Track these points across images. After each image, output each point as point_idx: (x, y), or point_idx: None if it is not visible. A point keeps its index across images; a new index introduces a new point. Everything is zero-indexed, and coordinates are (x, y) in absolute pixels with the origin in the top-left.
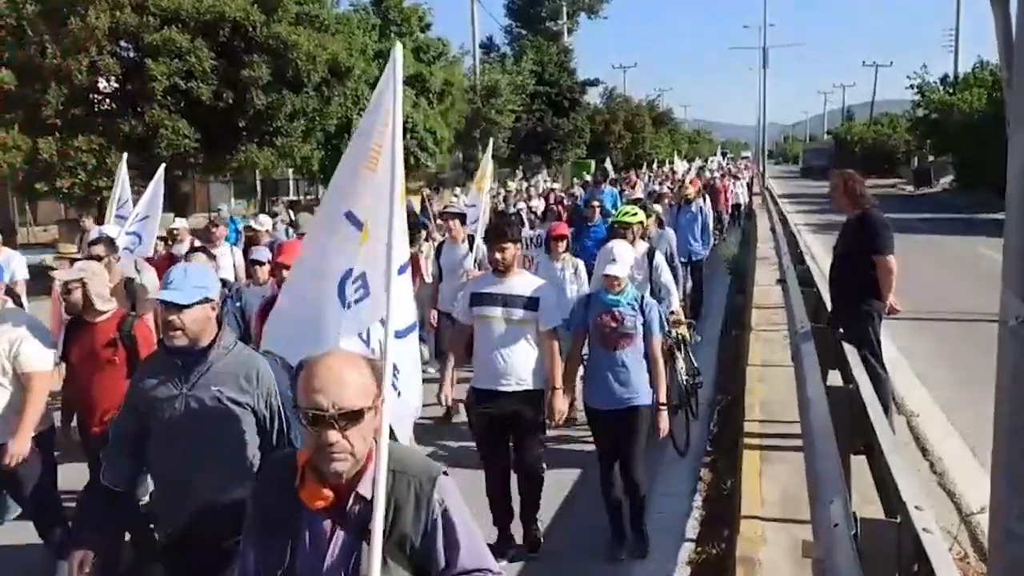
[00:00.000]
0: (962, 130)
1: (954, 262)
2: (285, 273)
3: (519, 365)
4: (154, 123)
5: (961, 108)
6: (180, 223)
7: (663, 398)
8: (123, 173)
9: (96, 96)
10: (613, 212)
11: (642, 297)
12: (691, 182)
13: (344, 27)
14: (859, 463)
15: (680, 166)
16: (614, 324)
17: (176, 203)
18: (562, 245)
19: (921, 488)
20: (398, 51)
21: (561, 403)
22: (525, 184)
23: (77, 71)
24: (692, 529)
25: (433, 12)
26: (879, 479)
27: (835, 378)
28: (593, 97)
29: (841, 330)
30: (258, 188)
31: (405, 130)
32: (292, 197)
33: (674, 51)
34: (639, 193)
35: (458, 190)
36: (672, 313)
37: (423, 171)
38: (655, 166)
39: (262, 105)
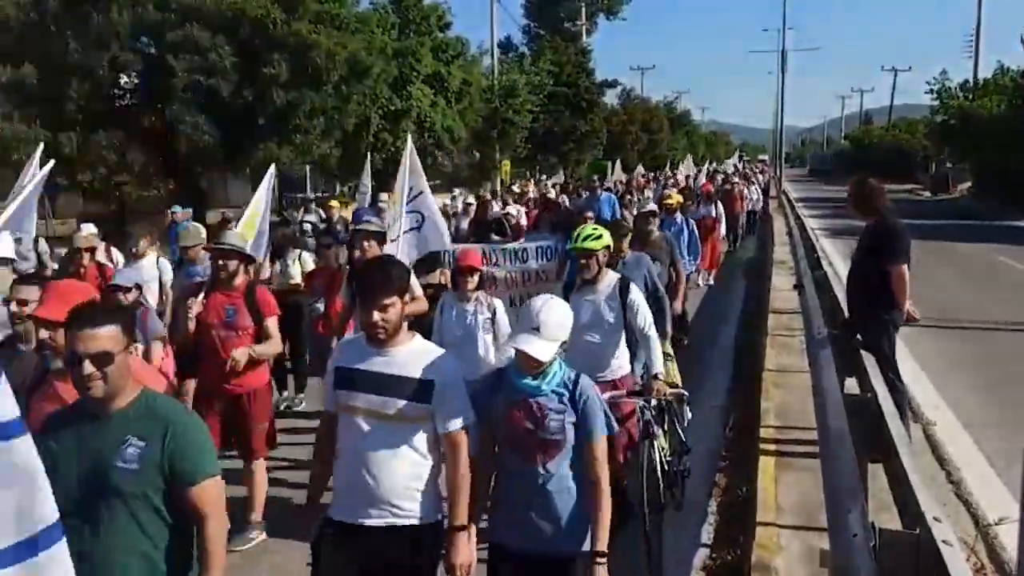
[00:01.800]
0: (981, 136)
1: (972, 270)
2: (46, 333)
3: (399, 487)
4: (174, 119)
5: (980, 114)
6: (87, 229)
7: (602, 544)
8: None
9: (117, 92)
10: (606, 220)
11: (575, 380)
12: (703, 187)
13: (364, 26)
14: (873, 469)
15: (689, 169)
16: (531, 425)
17: (195, 199)
18: (472, 280)
19: (938, 499)
20: None
21: (465, 552)
22: (533, 185)
23: (99, 67)
24: (707, 534)
25: (452, 11)
26: (896, 488)
27: (852, 385)
28: (611, 98)
29: (859, 336)
30: (275, 185)
31: (423, 129)
32: (309, 194)
33: (692, 53)
34: (652, 204)
35: (456, 191)
36: (655, 376)
37: (440, 170)
38: (668, 168)
39: (281, 102)
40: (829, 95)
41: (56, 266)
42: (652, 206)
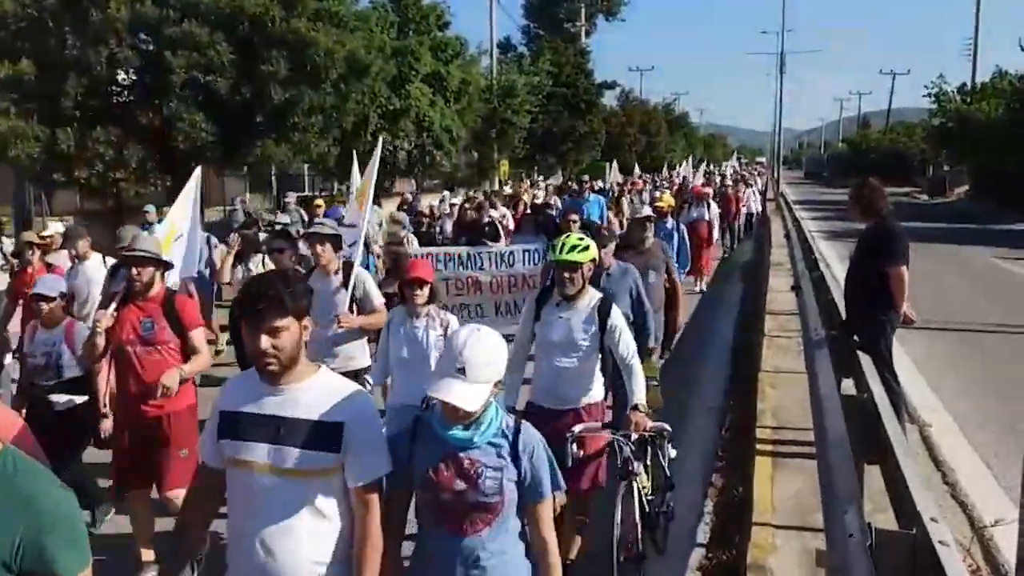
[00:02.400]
0: (979, 140)
1: (968, 272)
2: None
3: (305, 560)
4: (171, 116)
5: (978, 118)
6: (54, 228)
7: None
8: None
9: (115, 88)
10: (595, 223)
11: (516, 428)
12: (694, 189)
13: (363, 25)
14: (870, 469)
15: (687, 170)
16: (461, 486)
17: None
18: (422, 293)
19: (935, 500)
20: None
21: None
22: (528, 185)
23: (96, 63)
24: (703, 534)
25: (451, 11)
26: (893, 489)
27: (848, 386)
28: (609, 99)
29: (856, 338)
30: (273, 183)
31: (421, 128)
32: (307, 192)
33: (691, 55)
34: (647, 209)
35: (446, 194)
36: (634, 408)
37: (438, 169)
38: (665, 169)
39: (280, 100)
40: (827, 98)
41: None
42: (647, 211)
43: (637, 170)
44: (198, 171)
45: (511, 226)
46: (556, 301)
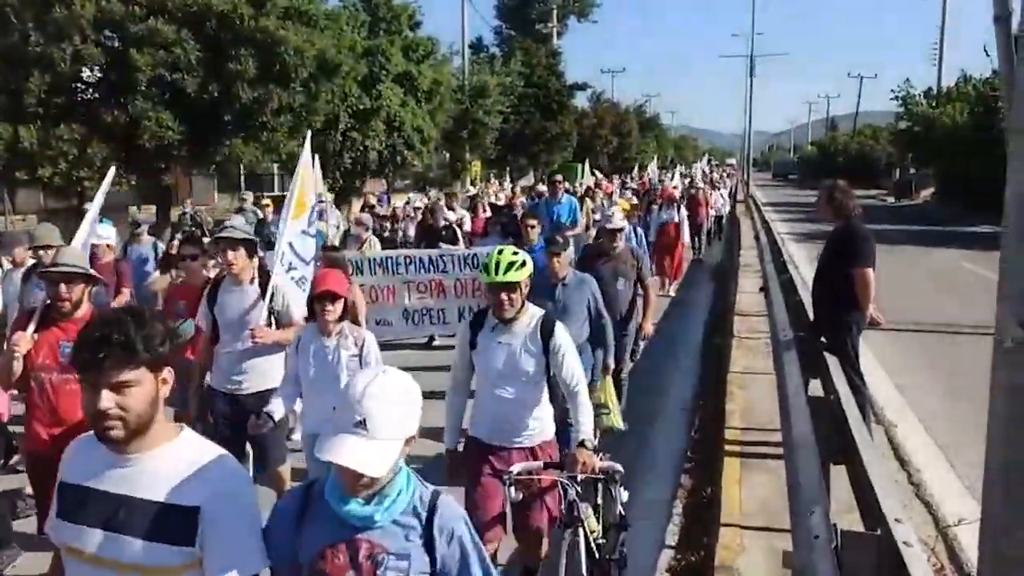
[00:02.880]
0: (944, 143)
1: (934, 274)
2: None
3: None
4: (137, 114)
5: (944, 121)
6: None
7: None
8: None
9: (79, 85)
10: (565, 226)
11: (432, 503)
12: (662, 193)
13: (333, 23)
14: (837, 471)
15: (653, 172)
16: None
17: (159, 196)
18: (333, 309)
19: (900, 500)
20: None
21: None
22: (498, 186)
23: (60, 60)
24: (672, 536)
25: (422, 11)
26: (859, 490)
27: (816, 387)
28: (581, 101)
29: (823, 339)
30: (242, 182)
31: (392, 128)
32: (276, 192)
33: (663, 57)
34: (620, 219)
35: (410, 196)
36: (581, 444)
37: (410, 170)
38: (636, 171)
39: (248, 99)
40: (797, 101)
41: None
42: (620, 223)
43: (599, 173)
44: (111, 171)
45: (469, 228)
46: (492, 325)
